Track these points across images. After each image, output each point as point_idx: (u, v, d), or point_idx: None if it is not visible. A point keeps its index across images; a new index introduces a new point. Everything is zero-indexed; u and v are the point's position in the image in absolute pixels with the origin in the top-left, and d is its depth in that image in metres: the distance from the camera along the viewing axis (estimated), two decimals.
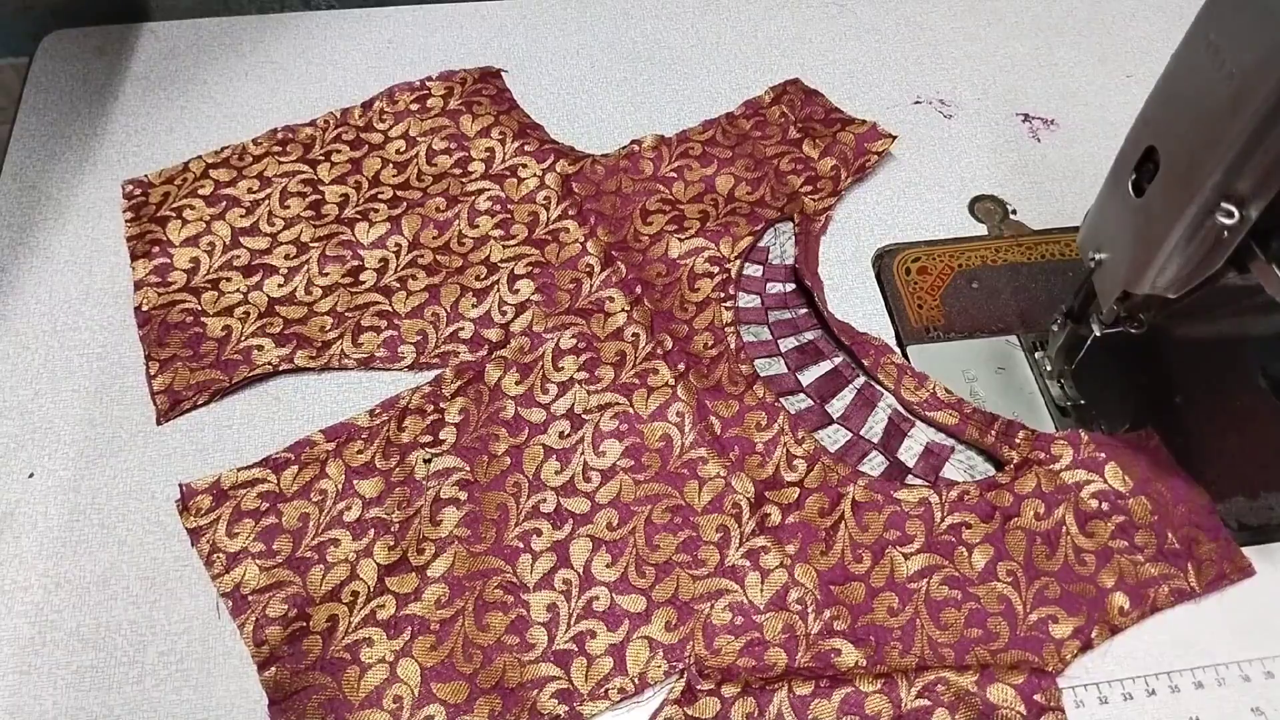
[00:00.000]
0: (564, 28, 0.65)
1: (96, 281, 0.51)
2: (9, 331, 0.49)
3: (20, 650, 0.40)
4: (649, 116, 0.60)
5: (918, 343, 0.50)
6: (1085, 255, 0.43)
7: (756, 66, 0.63)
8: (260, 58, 0.62)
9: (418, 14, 0.65)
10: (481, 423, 0.46)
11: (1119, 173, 0.40)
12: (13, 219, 0.54)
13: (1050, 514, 0.43)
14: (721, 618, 0.41)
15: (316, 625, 0.40)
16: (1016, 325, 0.51)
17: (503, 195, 0.54)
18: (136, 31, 0.63)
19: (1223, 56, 0.33)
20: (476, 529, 0.43)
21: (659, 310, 0.50)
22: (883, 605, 0.41)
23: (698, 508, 0.44)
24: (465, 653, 0.40)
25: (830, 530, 0.43)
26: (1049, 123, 0.61)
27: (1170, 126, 0.37)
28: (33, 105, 0.59)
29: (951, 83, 0.63)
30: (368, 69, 0.61)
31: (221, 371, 0.47)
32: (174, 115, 0.59)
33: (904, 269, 0.53)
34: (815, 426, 0.46)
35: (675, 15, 0.67)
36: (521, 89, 0.61)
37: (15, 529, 0.43)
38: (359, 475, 0.44)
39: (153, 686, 0.39)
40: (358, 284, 0.50)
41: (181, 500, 0.43)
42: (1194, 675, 0.41)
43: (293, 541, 0.42)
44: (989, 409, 0.47)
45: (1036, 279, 0.53)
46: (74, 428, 0.46)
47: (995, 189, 0.57)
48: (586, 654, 0.40)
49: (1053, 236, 0.55)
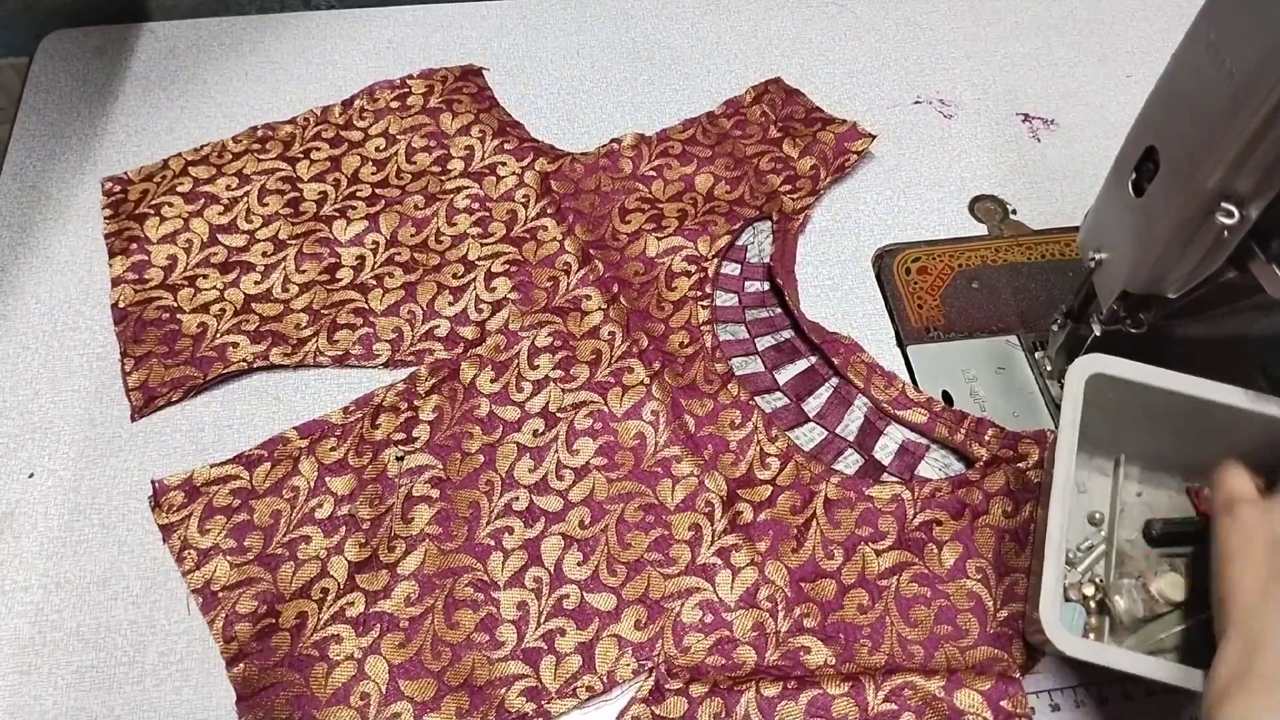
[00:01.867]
0: (564, 28, 0.65)
1: (96, 281, 0.51)
2: (9, 331, 0.49)
3: (20, 650, 0.40)
4: (649, 116, 0.60)
5: (918, 343, 0.50)
6: (1085, 255, 0.43)
7: (756, 66, 0.63)
8: (260, 58, 0.62)
9: (418, 14, 0.65)
10: (455, 420, 0.46)
11: (1119, 173, 0.40)
12: (13, 219, 0.54)
13: (1018, 511, 0.43)
14: (691, 615, 0.41)
15: (285, 622, 0.40)
16: (1016, 325, 0.51)
17: (481, 193, 0.54)
18: (136, 31, 0.63)
19: (1223, 56, 0.33)
20: (448, 527, 0.43)
21: (635, 309, 0.49)
22: (853, 602, 0.41)
23: (670, 506, 0.43)
24: (434, 650, 0.40)
25: (802, 528, 0.43)
26: (1049, 123, 0.61)
27: (1170, 126, 0.36)
28: (33, 105, 0.59)
29: (951, 83, 0.63)
30: (368, 69, 0.61)
31: (196, 368, 0.47)
32: (174, 115, 0.59)
33: (904, 269, 0.53)
34: (790, 425, 0.46)
35: (675, 15, 0.67)
36: (521, 89, 0.61)
37: (15, 529, 0.43)
38: (331, 472, 0.44)
39: (153, 686, 0.40)
40: (334, 281, 0.50)
41: (154, 496, 0.43)
42: None
43: (264, 538, 0.42)
44: (989, 409, 0.47)
45: (1036, 279, 0.53)
46: (74, 428, 0.46)
47: (995, 189, 0.57)
48: (555, 652, 0.40)
49: (1053, 236, 0.55)
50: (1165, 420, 0.40)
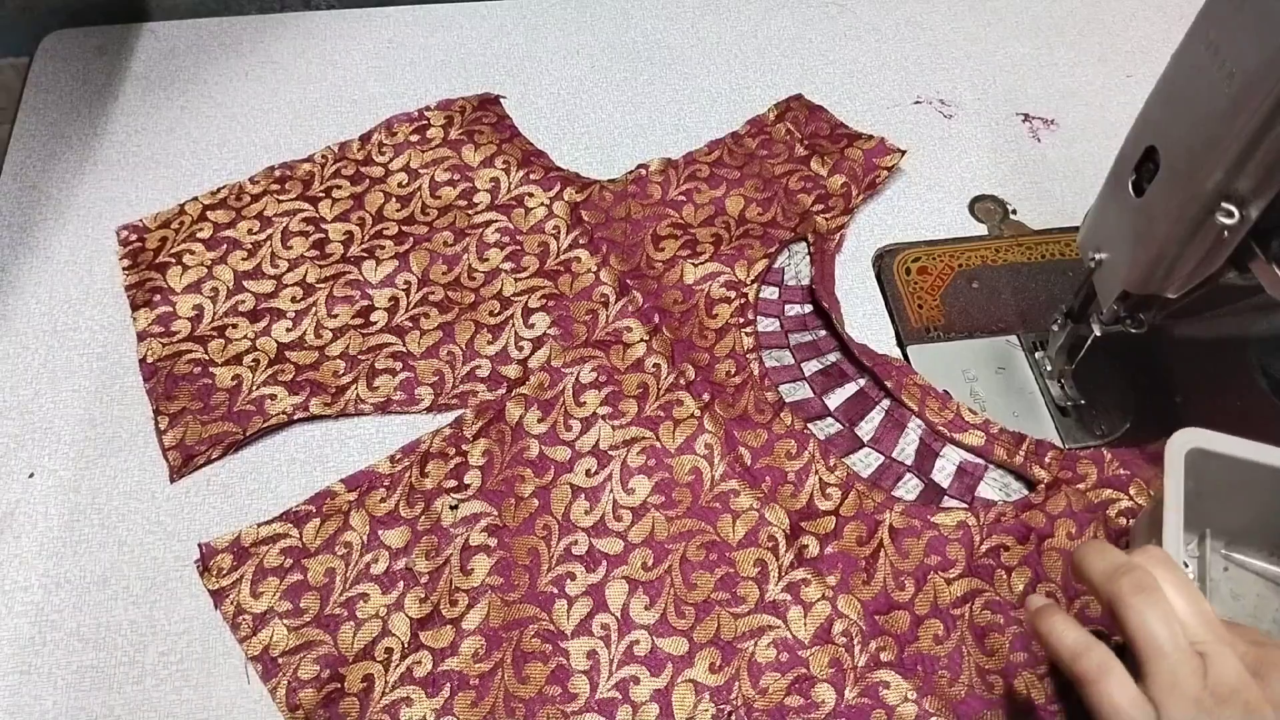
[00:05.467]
0: (564, 28, 0.65)
1: (96, 281, 0.51)
2: (9, 331, 0.49)
3: (20, 650, 0.40)
4: (649, 117, 0.60)
5: (918, 343, 0.50)
6: (1085, 255, 0.43)
7: (756, 66, 0.63)
8: (260, 58, 0.62)
9: (418, 14, 0.65)
10: (506, 464, 0.45)
11: (1119, 173, 0.40)
12: (13, 219, 0.53)
13: (1083, 533, 0.43)
14: (766, 655, 0.40)
15: (352, 686, 0.39)
16: (1016, 325, 0.51)
17: (511, 226, 0.53)
18: (136, 31, 0.63)
19: (1223, 56, 0.33)
20: (509, 576, 0.42)
21: (678, 338, 0.49)
22: (928, 633, 0.40)
23: (733, 542, 0.43)
24: (507, 706, 0.39)
25: (870, 559, 0.42)
26: (1049, 123, 0.61)
27: (1170, 126, 0.36)
28: (33, 105, 0.59)
29: (951, 83, 0.63)
30: (368, 69, 0.61)
31: (234, 423, 0.45)
32: (174, 115, 0.59)
33: (904, 269, 0.53)
34: (846, 451, 0.46)
35: (675, 15, 0.66)
36: (521, 89, 0.61)
37: (15, 529, 0.43)
38: (384, 525, 0.43)
39: (153, 686, 0.39)
40: (369, 325, 0.49)
41: (201, 561, 0.41)
42: None
43: (320, 598, 0.41)
44: (989, 409, 0.47)
45: (1036, 279, 0.53)
46: (74, 428, 0.46)
47: (995, 189, 0.57)
48: (631, 701, 0.39)
49: (1053, 236, 0.55)
50: (1259, 494, 0.39)
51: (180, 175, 0.56)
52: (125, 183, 0.55)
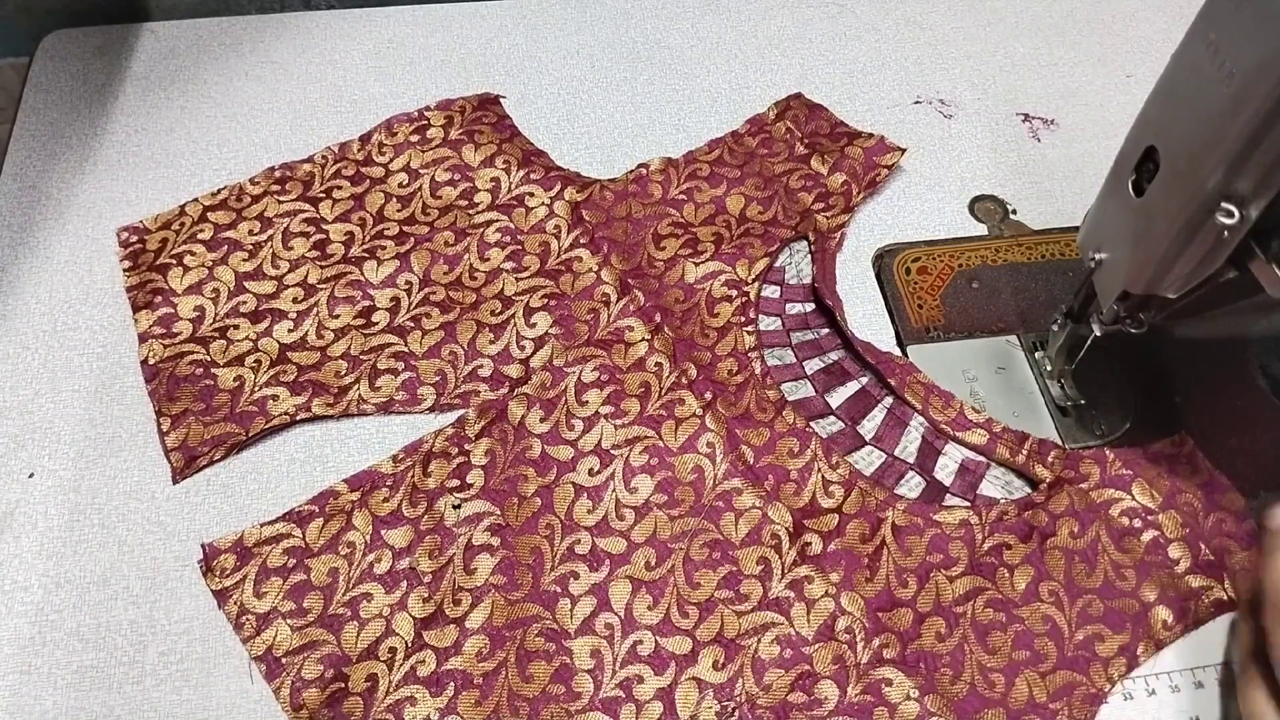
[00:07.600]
0: (564, 28, 0.65)
1: (96, 281, 0.51)
2: (9, 331, 0.49)
3: (20, 650, 0.40)
4: (649, 117, 0.60)
5: (918, 343, 0.50)
6: (1085, 255, 0.43)
7: (756, 66, 0.63)
8: (260, 58, 0.62)
9: (418, 14, 0.65)
10: (509, 463, 0.45)
11: (1119, 173, 0.40)
12: (13, 219, 0.53)
13: (1085, 532, 0.43)
14: (770, 651, 0.40)
15: (356, 686, 0.39)
16: (1016, 325, 0.51)
17: (512, 226, 0.53)
18: (136, 31, 0.63)
19: (1223, 56, 0.33)
20: (512, 575, 0.42)
21: (680, 337, 0.49)
22: (930, 631, 0.41)
23: (736, 541, 0.43)
24: (511, 705, 0.39)
25: (873, 556, 0.42)
26: (1049, 123, 0.61)
27: (1170, 126, 0.36)
28: (33, 105, 0.58)
29: (951, 83, 0.63)
30: (368, 69, 0.61)
31: (237, 424, 0.45)
32: (174, 115, 0.58)
33: (904, 269, 0.53)
34: (848, 449, 0.46)
35: (675, 15, 0.66)
36: (521, 89, 0.61)
37: (15, 529, 0.43)
38: (387, 525, 0.43)
39: (153, 686, 0.39)
40: (370, 325, 0.49)
41: (204, 561, 0.41)
42: (1194, 675, 0.41)
43: (324, 598, 0.41)
44: (989, 409, 0.47)
45: (1036, 279, 0.53)
46: (74, 428, 0.46)
47: (995, 189, 0.57)
48: (635, 700, 0.39)
49: (1053, 236, 0.55)
50: None
51: (180, 175, 0.56)
52: (125, 183, 0.55)
